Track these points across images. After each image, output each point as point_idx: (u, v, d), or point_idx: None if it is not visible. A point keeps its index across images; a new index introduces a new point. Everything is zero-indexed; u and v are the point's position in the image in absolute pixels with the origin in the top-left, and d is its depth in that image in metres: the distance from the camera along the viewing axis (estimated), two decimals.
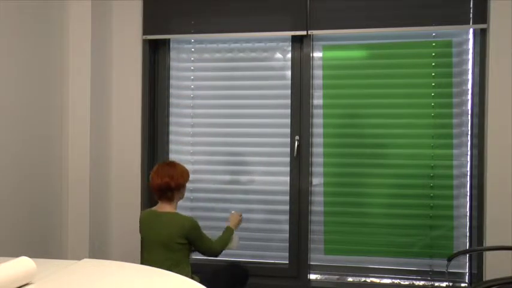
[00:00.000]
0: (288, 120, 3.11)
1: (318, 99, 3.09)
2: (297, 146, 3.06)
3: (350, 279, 3.04)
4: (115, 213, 3.22)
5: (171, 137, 3.31)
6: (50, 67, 2.88)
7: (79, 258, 1.75)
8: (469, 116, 2.92)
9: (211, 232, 3.21)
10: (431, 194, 2.98)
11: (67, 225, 3.00)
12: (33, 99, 2.75)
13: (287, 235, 3.11)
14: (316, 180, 3.10)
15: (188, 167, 3.24)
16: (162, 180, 2.43)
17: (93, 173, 3.02)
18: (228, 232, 2.63)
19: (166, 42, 3.29)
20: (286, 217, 3.11)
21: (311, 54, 3.07)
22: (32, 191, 2.73)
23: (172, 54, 3.31)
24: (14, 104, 2.58)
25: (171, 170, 2.47)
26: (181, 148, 3.30)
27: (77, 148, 2.99)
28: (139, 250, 3.20)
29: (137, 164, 3.20)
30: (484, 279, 2.74)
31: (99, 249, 3.08)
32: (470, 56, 2.92)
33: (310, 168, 3.07)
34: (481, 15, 2.80)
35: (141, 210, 3.21)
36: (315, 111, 3.09)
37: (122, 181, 3.21)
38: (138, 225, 2.55)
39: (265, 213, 3.16)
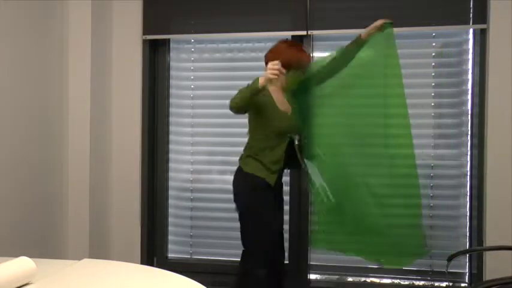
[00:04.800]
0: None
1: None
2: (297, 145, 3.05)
3: (350, 279, 3.04)
4: (115, 213, 3.22)
5: (171, 137, 3.31)
6: (50, 67, 2.88)
7: (79, 258, 1.75)
8: (469, 116, 2.92)
9: (211, 232, 3.23)
10: (431, 194, 2.98)
11: (67, 225, 3.00)
12: (33, 99, 2.75)
13: (287, 235, 3.11)
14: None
15: (188, 167, 3.26)
16: None
17: (93, 173, 3.02)
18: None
19: (166, 42, 3.28)
20: (286, 217, 3.10)
21: (311, 54, 3.07)
22: (32, 191, 2.73)
23: (172, 54, 3.31)
24: (14, 103, 2.58)
25: None
26: (181, 148, 3.30)
27: (77, 148, 2.99)
28: (140, 250, 3.21)
29: (137, 163, 3.20)
30: (484, 279, 2.74)
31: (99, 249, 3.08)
32: (470, 56, 2.92)
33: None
34: (481, 15, 2.80)
35: (141, 210, 3.21)
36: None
37: (121, 181, 3.21)
38: (140, 226, 2.53)
39: None
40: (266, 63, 2.49)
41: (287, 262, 3.11)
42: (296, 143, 2.52)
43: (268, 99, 2.42)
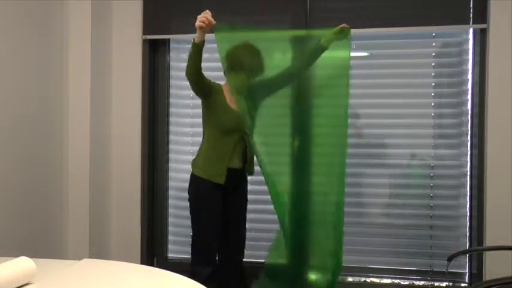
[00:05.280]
0: (288, 120, 3.10)
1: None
2: (297, 145, 3.05)
3: (350, 279, 3.04)
4: (115, 213, 3.22)
5: (171, 137, 3.31)
6: (50, 67, 2.88)
7: (79, 258, 1.75)
8: (469, 116, 2.92)
9: None
10: (431, 194, 2.98)
11: (67, 225, 3.00)
12: (33, 99, 2.75)
13: None
14: None
15: (188, 166, 3.25)
16: None
17: (93, 173, 3.02)
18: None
19: (166, 42, 3.28)
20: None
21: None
22: (32, 191, 2.73)
23: (172, 54, 3.31)
24: (14, 103, 2.58)
25: None
26: (181, 148, 3.30)
27: (77, 148, 2.99)
28: (140, 250, 3.21)
29: (137, 164, 3.20)
30: (484, 279, 2.74)
31: (99, 249, 3.08)
32: (470, 56, 2.92)
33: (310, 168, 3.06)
34: (481, 15, 2.80)
35: (141, 210, 3.21)
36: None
37: (121, 181, 3.21)
38: (140, 226, 2.53)
39: (266, 213, 3.15)
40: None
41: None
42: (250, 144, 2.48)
43: (219, 98, 2.45)
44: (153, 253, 3.29)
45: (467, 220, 2.93)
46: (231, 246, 2.58)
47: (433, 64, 2.97)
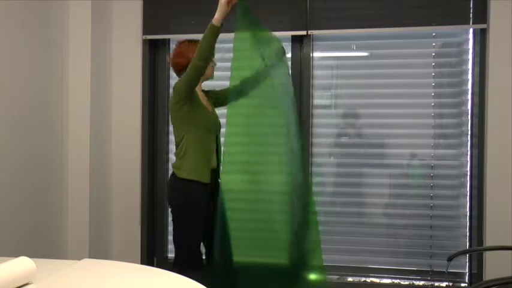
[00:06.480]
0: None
1: (318, 99, 3.09)
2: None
3: (350, 279, 3.04)
4: (115, 214, 3.22)
5: (171, 137, 3.31)
6: (50, 67, 2.88)
7: (79, 258, 1.75)
8: (469, 116, 2.92)
9: None
10: (431, 194, 2.98)
11: (67, 225, 3.00)
12: (33, 99, 2.75)
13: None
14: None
15: None
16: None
17: (93, 173, 3.02)
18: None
19: (166, 42, 3.28)
20: (287, 217, 3.10)
21: (311, 54, 3.07)
22: (32, 191, 2.73)
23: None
24: (13, 103, 2.58)
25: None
26: None
27: (77, 148, 2.99)
28: (140, 250, 3.21)
29: (137, 164, 3.20)
30: (484, 279, 2.74)
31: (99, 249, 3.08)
32: (470, 56, 2.92)
33: (310, 168, 3.07)
34: (481, 15, 2.80)
35: (141, 209, 3.21)
36: (315, 111, 3.09)
37: (121, 181, 3.21)
38: (140, 226, 2.52)
39: (266, 213, 3.15)
40: (173, 66, 2.48)
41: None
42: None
43: (197, 96, 2.42)
44: (153, 253, 3.29)
45: (467, 220, 2.93)
46: (220, 246, 2.53)
47: (433, 64, 2.97)
